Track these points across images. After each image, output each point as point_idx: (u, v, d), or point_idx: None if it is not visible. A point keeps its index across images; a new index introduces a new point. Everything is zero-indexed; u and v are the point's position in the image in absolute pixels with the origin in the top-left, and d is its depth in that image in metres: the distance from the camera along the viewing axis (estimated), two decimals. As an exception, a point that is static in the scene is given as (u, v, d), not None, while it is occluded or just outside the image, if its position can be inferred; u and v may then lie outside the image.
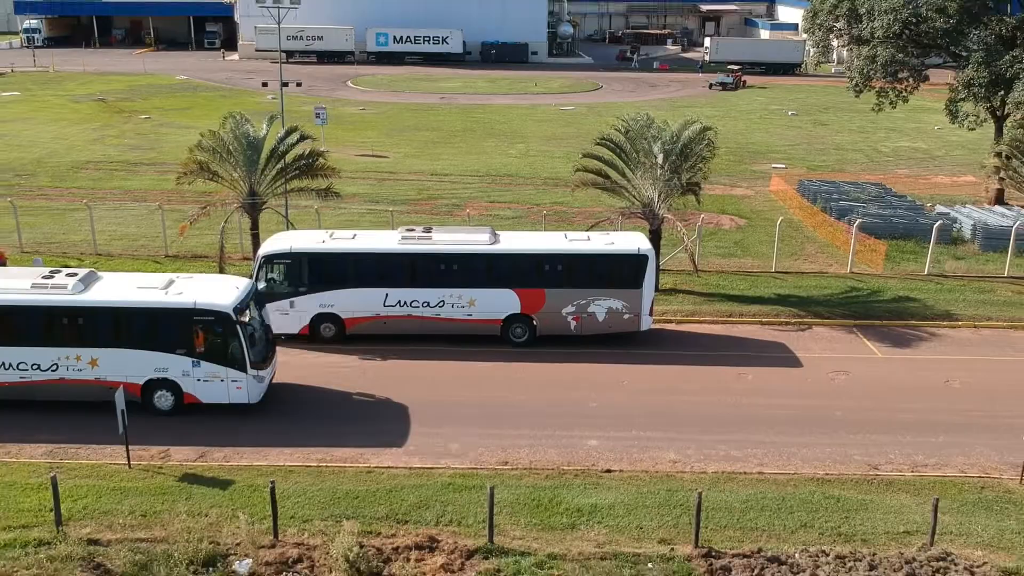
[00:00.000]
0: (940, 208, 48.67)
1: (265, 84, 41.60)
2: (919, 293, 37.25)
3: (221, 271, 35.25)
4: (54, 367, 25.74)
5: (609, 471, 24.03)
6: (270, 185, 36.23)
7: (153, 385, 26.02)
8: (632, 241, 31.88)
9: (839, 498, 22.79)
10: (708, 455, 25.03)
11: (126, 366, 25.78)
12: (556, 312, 31.12)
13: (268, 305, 30.72)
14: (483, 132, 74.63)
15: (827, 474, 24.11)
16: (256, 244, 36.03)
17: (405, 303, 30.92)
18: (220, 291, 26.36)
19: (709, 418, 26.96)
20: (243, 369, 25.88)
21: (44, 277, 26.21)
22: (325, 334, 31.40)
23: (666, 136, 34.70)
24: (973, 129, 49.13)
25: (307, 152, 36.28)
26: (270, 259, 30.95)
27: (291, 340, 31.20)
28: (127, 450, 23.59)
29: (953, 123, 49.04)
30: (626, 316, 31.37)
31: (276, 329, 31.16)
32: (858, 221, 40.58)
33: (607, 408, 27.47)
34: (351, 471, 23.69)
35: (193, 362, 25.80)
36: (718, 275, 38.84)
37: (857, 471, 24.38)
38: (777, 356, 31.50)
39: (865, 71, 48.25)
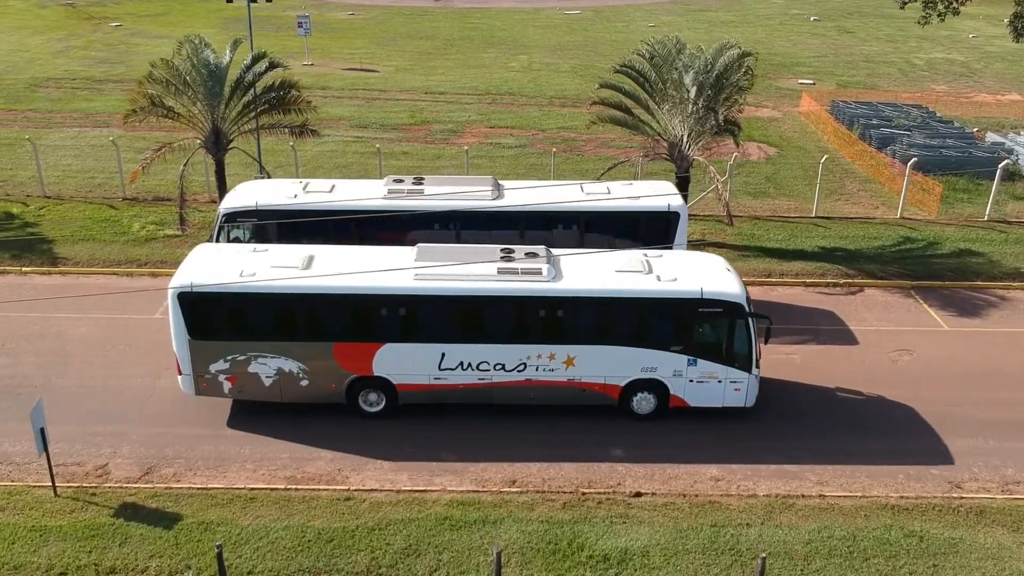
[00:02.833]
0: (992, 136, 43.69)
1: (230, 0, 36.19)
2: (982, 245, 32.60)
3: (182, 221, 30.62)
4: (521, 367, 21.75)
5: (639, 494, 19.81)
6: (236, 121, 31.17)
7: (634, 386, 22.07)
8: (660, 194, 27.03)
9: (922, 536, 18.60)
10: (757, 470, 20.79)
11: (608, 365, 21.86)
12: (570, 278, 26.51)
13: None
14: (482, 41, 68.76)
15: (902, 498, 19.89)
16: (222, 190, 31.22)
17: (393, 268, 26.33)
18: (718, 276, 22.19)
19: (753, 416, 22.61)
20: (747, 368, 21.89)
21: (503, 258, 21.85)
22: (300, 303, 26.96)
23: (699, 64, 29.50)
24: (1040, 49, 43.59)
25: (278, 83, 31.04)
26: (232, 216, 26.18)
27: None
28: (51, 475, 19.29)
29: (1018, 41, 43.53)
30: (652, 283, 26.80)
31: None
32: (912, 160, 35.55)
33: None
34: (325, 498, 19.44)
35: (689, 360, 21.82)
36: (751, 222, 34.10)
37: (937, 491, 20.19)
38: (827, 329, 27.01)
39: (917, -22, 42.43)
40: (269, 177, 32.54)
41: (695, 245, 31.03)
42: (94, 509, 18.89)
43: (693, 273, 22.09)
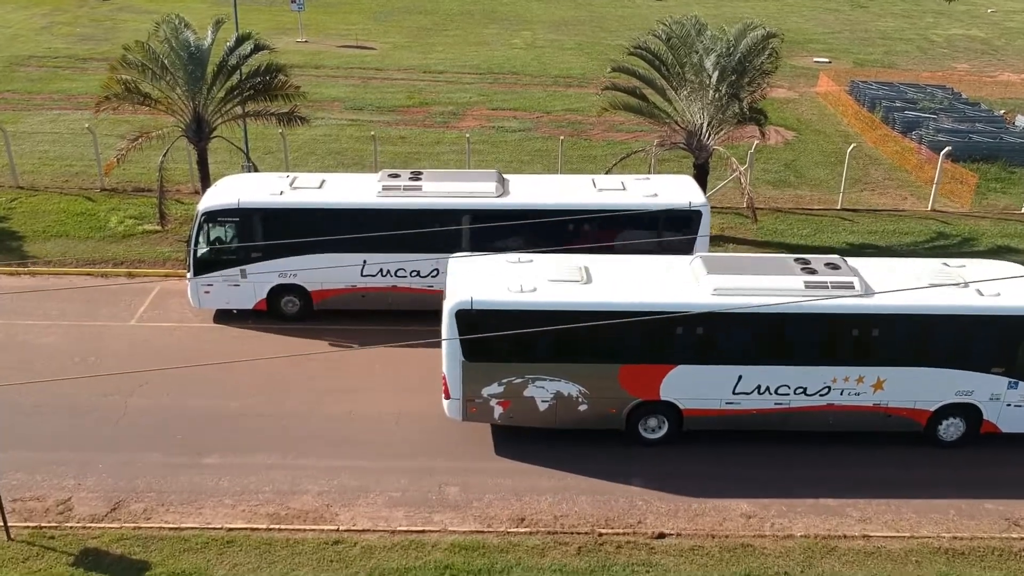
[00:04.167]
0: (1022, 120, 41.30)
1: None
2: (1020, 241, 30.39)
3: (162, 216, 28.42)
4: (824, 390, 19.86)
5: (663, 535, 17.74)
6: (219, 108, 28.87)
7: (944, 411, 20.34)
8: (680, 190, 24.81)
9: (982, 587, 16.61)
10: (791, 505, 18.70)
11: (920, 389, 20.03)
12: (582, 283, 24.33)
13: (214, 274, 24.30)
14: (483, 16, 66.33)
15: (955, 539, 17.83)
16: (204, 182, 29.02)
17: (389, 272, 24.26)
18: None
19: (783, 440, 20.47)
20: None
21: (804, 271, 19.80)
22: (288, 310, 24.89)
23: (721, 46, 27.19)
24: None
25: (264, 67, 28.70)
26: (213, 216, 23.98)
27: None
28: (3, 517, 17.18)
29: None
30: (671, 288, 24.61)
31: (226, 304, 24.98)
32: (946, 149, 33.25)
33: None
34: (312, 540, 17.36)
35: (1010, 383, 19.97)
36: (773, 215, 31.85)
37: (993, 530, 18.13)
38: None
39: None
40: (256, 168, 30.29)
41: (712, 241, 28.87)
42: (51, 556, 16.80)
43: (1015, 287, 19.89)
